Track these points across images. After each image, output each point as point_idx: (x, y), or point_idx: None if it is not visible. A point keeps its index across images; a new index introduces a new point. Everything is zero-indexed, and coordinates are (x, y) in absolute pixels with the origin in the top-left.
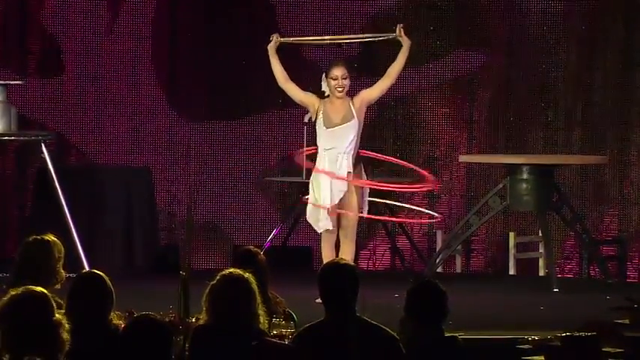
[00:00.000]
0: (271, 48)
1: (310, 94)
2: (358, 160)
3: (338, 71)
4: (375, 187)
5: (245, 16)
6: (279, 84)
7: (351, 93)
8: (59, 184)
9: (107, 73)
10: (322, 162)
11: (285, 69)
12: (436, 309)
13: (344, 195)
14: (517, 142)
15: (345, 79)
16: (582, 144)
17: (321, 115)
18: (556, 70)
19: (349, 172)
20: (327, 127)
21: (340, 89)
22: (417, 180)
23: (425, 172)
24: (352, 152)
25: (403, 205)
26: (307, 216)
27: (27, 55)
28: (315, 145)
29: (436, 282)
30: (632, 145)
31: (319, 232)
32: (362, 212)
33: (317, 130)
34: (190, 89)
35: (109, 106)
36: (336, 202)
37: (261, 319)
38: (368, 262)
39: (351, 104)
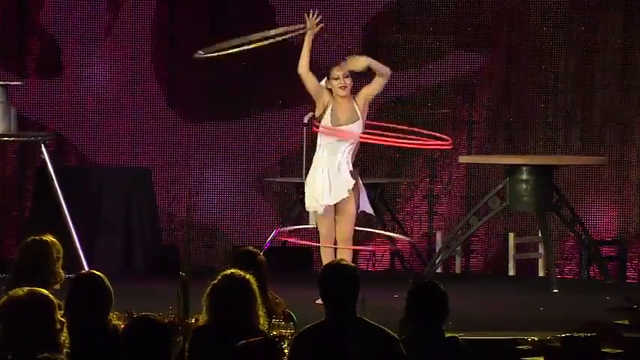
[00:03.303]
0: (310, 35)
1: (324, 88)
2: (355, 164)
3: (339, 71)
4: (386, 143)
5: (245, 15)
6: (299, 70)
7: (353, 92)
8: (59, 185)
9: (107, 73)
10: (321, 156)
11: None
12: (436, 310)
13: (341, 203)
14: (517, 142)
15: (346, 77)
16: (582, 144)
17: (329, 111)
18: (556, 71)
19: (350, 171)
20: (333, 125)
21: (343, 87)
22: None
23: (435, 134)
24: (352, 152)
25: (375, 231)
26: (307, 206)
27: (26, 55)
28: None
29: (436, 283)
30: (632, 145)
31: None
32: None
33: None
34: (190, 89)
35: (108, 106)
36: (338, 199)
37: (261, 320)
38: (368, 263)
39: (355, 104)
